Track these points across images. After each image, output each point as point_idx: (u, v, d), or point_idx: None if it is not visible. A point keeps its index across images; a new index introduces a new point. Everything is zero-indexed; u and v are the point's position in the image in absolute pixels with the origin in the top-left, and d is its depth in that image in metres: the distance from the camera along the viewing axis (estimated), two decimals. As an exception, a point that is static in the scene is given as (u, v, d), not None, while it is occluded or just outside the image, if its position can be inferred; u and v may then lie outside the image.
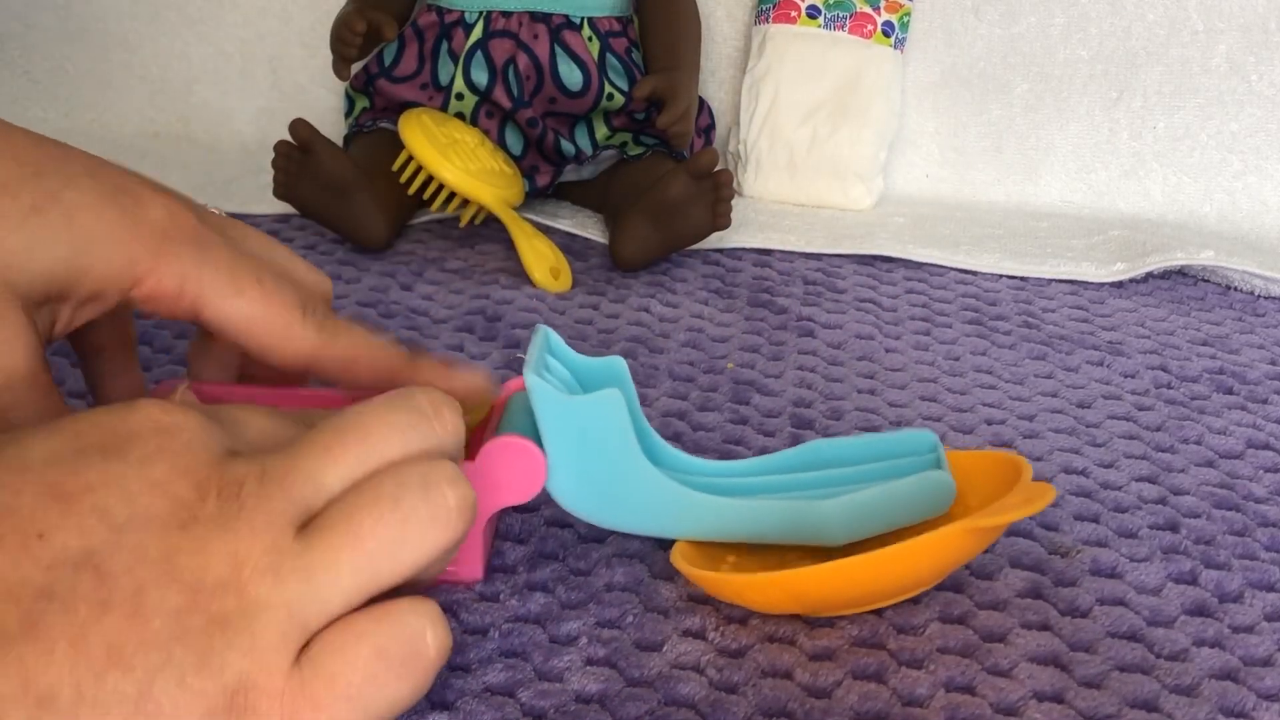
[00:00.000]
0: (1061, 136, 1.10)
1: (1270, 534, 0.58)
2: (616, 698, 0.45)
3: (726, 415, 0.67)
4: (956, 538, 0.46)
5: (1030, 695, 0.46)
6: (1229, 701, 0.46)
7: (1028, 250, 0.95)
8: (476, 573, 0.50)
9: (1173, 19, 1.08)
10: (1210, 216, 1.08)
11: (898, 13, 1.08)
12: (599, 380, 0.51)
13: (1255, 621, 0.51)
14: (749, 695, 0.45)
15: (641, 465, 0.48)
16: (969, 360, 0.76)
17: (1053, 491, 0.46)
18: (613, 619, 0.49)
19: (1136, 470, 0.63)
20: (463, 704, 0.44)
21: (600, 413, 0.47)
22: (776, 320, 0.81)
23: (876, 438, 0.52)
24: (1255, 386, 0.74)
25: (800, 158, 1.07)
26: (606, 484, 0.49)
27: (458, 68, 0.97)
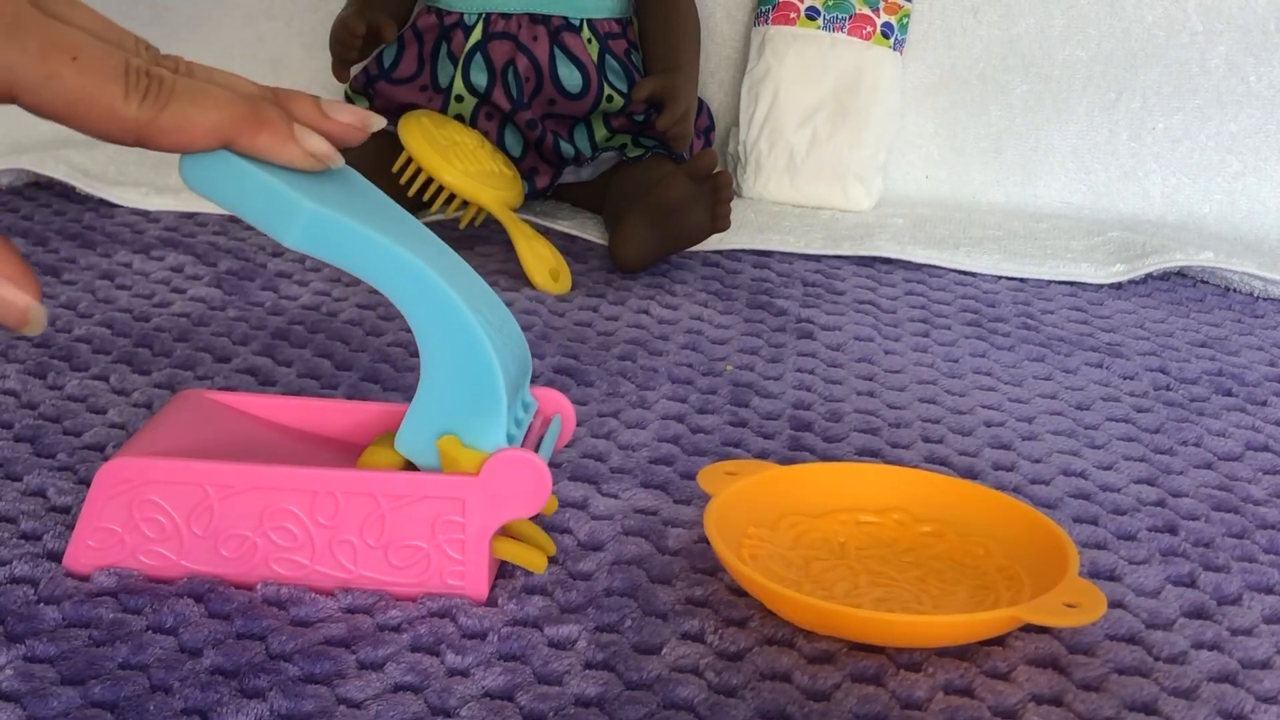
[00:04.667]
0: (1060, 138, 1.10)
1: (1269, 536, 0.58)
2: (615, 701, 0.45)
3: (725, 417, 0.67)
4: (1004, 622, 0.48)
5: (1029, 698, 0.46)
6: (1227, 704, 0.46)
7: (1027, 252, 0.95)
8: (481, 591, 0.49)
9: (1171, 20, 1.08)
10: (1209, 217, 1.08)
11: (897, 14, 1.08)
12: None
13: (1254, 624, 0.51)
14: (748, 698, 0.45)
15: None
16: (968, 362, 0.76)
17: (1104, 605, 0.47)
18: (612, 622, 0.49)
19: (1135, 472, 0.63)
20: (463, 709, 0.44)
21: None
22: (776, 322, 0.81)
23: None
24: (1254, 388, 0.74)
25: (799, 159, 1.07)
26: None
27: (457, 70, 0.97)
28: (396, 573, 0.49)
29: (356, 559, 0.49)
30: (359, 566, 0.49)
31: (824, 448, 0.65)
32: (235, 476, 0.48)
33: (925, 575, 0.52)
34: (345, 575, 0.49)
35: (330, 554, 0.49)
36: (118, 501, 0.49)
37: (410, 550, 0.49)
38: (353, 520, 0.48)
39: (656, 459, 0.62)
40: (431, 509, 0.48)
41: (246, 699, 0.44)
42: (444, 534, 0.48)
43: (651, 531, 0.55)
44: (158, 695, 0.44)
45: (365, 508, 0.48)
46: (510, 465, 0.48)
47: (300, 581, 0.49)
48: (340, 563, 0.49)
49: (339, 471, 0.48)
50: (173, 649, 0.46)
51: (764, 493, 0.55)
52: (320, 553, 0.49)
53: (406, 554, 0.49)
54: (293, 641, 0.47)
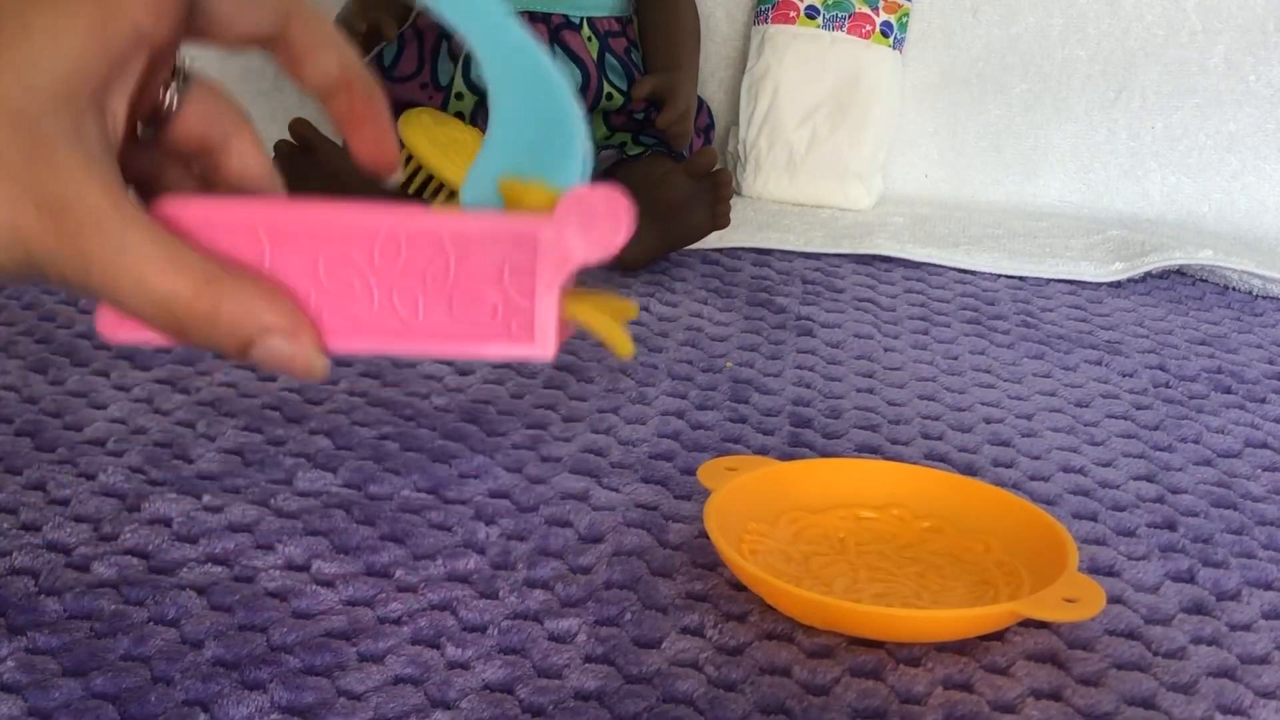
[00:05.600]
0: (1060, 136, 1.10)
1: (1268, 532, 0.58)
2: (615, 694, 0.45)
3: (725, 414, 0.67)
4: (1003, 617, 0.48)
5: (1028, 692, 0.46)
6: (1226, 699, 0.46)
7: (1026, 250, 0.95)
8: (549, 347, 0.44)
9: (1171, 20, 1.08)
10: (1208, 216, 1.08)
11: (896, 13, 1.08)
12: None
13: (1253, 619, 0.51)
14: (747, 692, 0.45)
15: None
16: (967, 359, 0.76)
17: (1103, 601, 0.47)
18: (611, 616, 0.49)
19: (1134, 469, 0.63)
20: (463, 701, 0.44)
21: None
22: (775, 320, 0.81)
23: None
24: (1253, 386, 0.75)
25: (799, 158, 1.07)
26: None
27: (457, 68, 0.97)
28: (461, 325, 0.43)
29: (418, 310, 0.43)
30: (421, 317, 0.43)
31: (824, 444, 0.65)
32: (291, 219, 0.43)
33: (925, 570, 0.53)
34: (405, 329, 0.43)
35: (390, 306, 0.43)
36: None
37: (476, 299, 0.43)
38: (416, 266, 0.43)
39: (657, 454, 0.62)
40: (500, 252, 0.43)
41: (247, 690, 0.44)
42: (513, 280, 0.43)
43: (652, 526, 0.56)
44: (159, 687, 0.44)
45: (430, 251, 0.43)
46: (587, 199, 0.42)
47: (351, 340, 0.43)
48: (400, 315, 0.43)
49: (402, 210, 0.43)
50: (174, 641, 0.46)
51: (764, 488, 0.55)
52: (381, 304, 0.43)
53: (473, 303, 0.43)
54: (293, 634, 0.47)
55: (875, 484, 0.57)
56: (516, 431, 0.63)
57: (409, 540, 0.53)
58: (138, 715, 0.42)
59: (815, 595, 0.49)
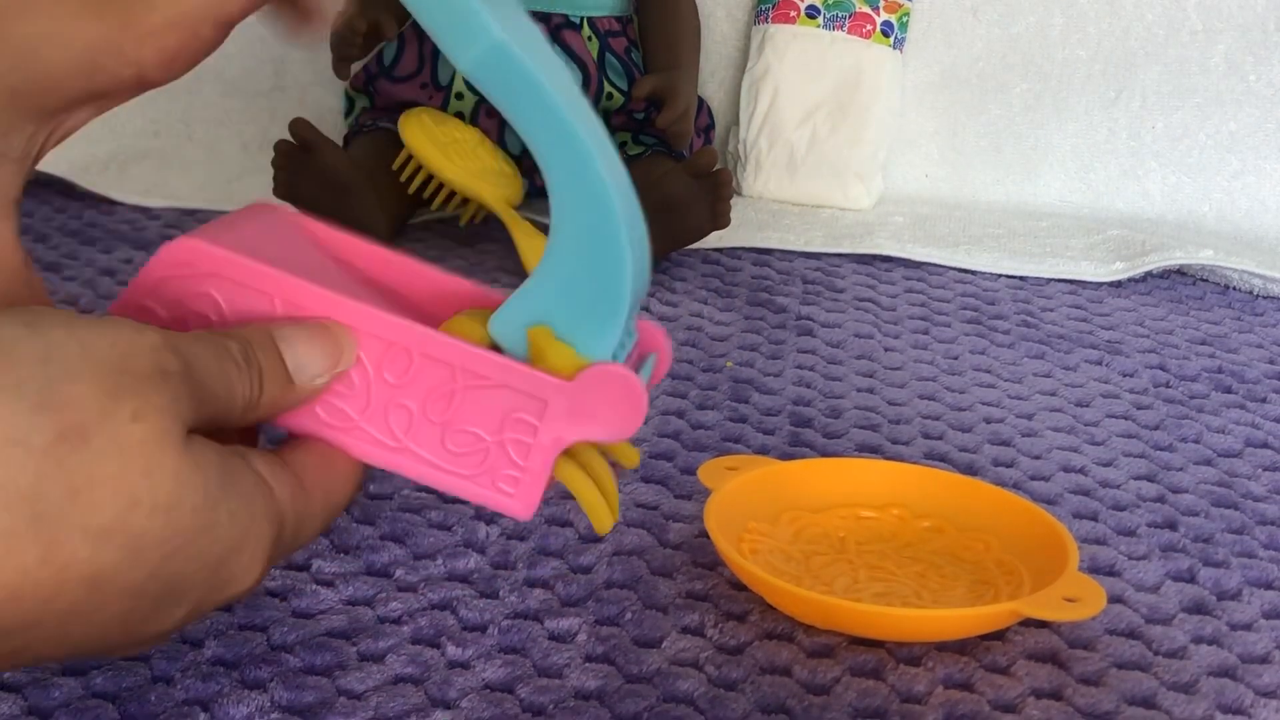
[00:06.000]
0: (1060, 136, 1.10)
1: (1269, 532, 0.58)
2: (615, 694, 0.45)
3: (725, 414, 0.67)
4: (1003, 616, 0.48)
5: (1028, 692, 0.46)
6: (1227, 698, 0.46)
7: (1026, 250, 0.95)
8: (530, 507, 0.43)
9: (1171, 19, 1.08)
10: (1209, 216, 1.08)
11: (897, 13, 1.08)
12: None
13: (1253, 619, 0.51)
14: (748, 692, 0.45)
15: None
16: (968, 359, 0.76)
17: (1103, 600, 0.47)
18: (612, 616, 0.49)
19: (1135, 468, 0.63)
20: (463, 700, 0.44)
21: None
22: (775, 319, 0.81)
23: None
24: (1254, 385, 0.75)
25: (799, 157, 1.07)
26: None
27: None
28: (448, 458, 0.42)
29: (410, 429, 0.42)
30: (409, 438, 0.42)
31: (824, 444, 0.65)
32: (310, 297, 0.42)
33: (925, 570, 0.53)
34: (391, 445, 0.42)
35: (383, 416, 0.42)
36: (172, 284, 0.42)
37: (470, 438, 0.42)
38: (420, 386, 0.42)
39: (657, 454, 0.62)
40: (507, 400, 0.42)
41: (247, 690, 0.44)
42: (511, 432, 0.42)
43: (652, 525, 0.56)
44: (159, 686, 0.44)
45: (438, 376, 0.42)
46: (609, 380, 0.41)
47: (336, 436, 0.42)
48: (391, 428, 0.42)
49: (422, 329, 0.42)
50: (174, 640, 0.46)
51: (764, 488, 0.55)
52: (374, 411, 0.42)
53: (465, 441, 0.42)
54: (294, 633, 0.47)
55: (875, 483, 0.57)
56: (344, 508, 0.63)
57: (409, 540, 0.53)
58: (137, 714, 0.42)
59: (816, 595, 0.49)
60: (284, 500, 0.37)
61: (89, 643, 0.33)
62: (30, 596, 0.30)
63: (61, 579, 0.31)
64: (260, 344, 0.38)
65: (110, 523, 0.31)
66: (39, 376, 0.31)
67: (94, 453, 0.31)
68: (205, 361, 0.35)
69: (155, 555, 0.32)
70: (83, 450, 0.31)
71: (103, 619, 0.32)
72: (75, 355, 0.32)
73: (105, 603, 0.32)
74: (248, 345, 0.38)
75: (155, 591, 0.33)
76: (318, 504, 0.39)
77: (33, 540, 0.30)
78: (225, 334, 0.38)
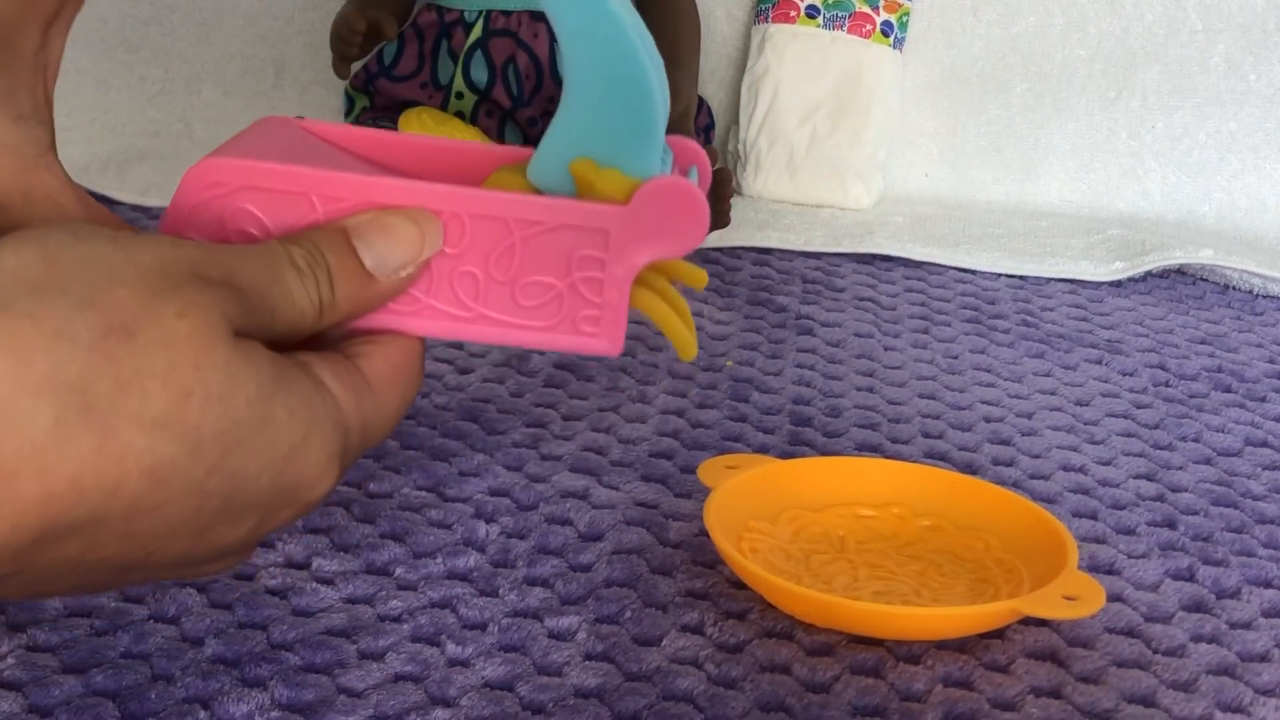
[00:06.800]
0: (1060, 136, 1.10)
1: (1268, 531, 0.58)
2: (615, 692, 0.45)
3: (725, 413, 0.67)
4: (1003, 615, 0.48)
5: (1028, 690, 0.46)
6: (1226, 697, 0.46)
7: (1026, 249, 0.95)
8: (617, 343, 0.41)
9: (1171, 19, 1.08)
10: (1209, 215, 1.08)
11: (896, 12, 1.08)
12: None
13: (1253, 618, 0.51)
14: (747, 690, 0.46)
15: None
16: (967, 359, 0.76)
17: (1103, 598, 0.47)
18: (611, 614, 0.49)
19: (1135, 468, 0.63)
20: (463, 699, 0.44)
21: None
22: (775, 319, 0.81)
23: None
24: (1253, 385, 0.75)
25: (799, 157, 1.07)
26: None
27: (457, 67, 0.97)
28: (523, 314, 0.41)
29: (479, 295, 0.41)
30: (480, 304, 0.41)
31: (824, 443, 0.65)
32: (345, 187, 0.40)
33: (924, 569, 0.53)
34: (464, 315, 0.41)
35: (449, 288, 0.41)
36: (209, 209, 0.40)
37: (541, 288, 0.41)
38: (479, 248, 0.40)
39: (657, 453, 0.62)
40: (569, 240, 0.40)
41: (248, 688, 0.44)
42: (580, 270, 0.40)
43: (652, 524, 0.56)
44: (159, 684, 0.44)
45: (494, 234, 0.40)
46: (666, 192, 0.40)
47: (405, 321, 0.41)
48: (460, 298, 0.41)
49: (466, 190, 0.40)
50: (174, 638, 0.46)
51: (764, 487, 0.55)
52: (439, 285, 0.41)
53: (537, 293, 0.41)
54: (294, 631, 0.47)
55: (875, 482, 0.57)
56: (517, 430, 0.63)
57: (409, 538, 0.53)
58: (138, 712, 0.42)
59: (815, 593, 0.49)
60: (348, 405, 0.36)
61: (159, 546, 0.33)
62: (92, 487, 0.30)
63: (121, 470, 0.31)
64: (330, 244, 0.37)
65: (163, 413, 0.31)
66: (83, 278, 0.31)
67: (141, 346, 0.31)
68: (253, 271, 0.35)
69: (214, 448, 0.32)
70: (130, 344, 0.31)
71: (169, 517, 0.32)
72: (119, 261, 0.32)
73: (169, 498, 0.32)
74: (314, 248, 0.37)
75: (220, 489, 0.33)
76: (388, 402, 0.38)
77: (86, 429, 0.30)
78: (288, 240, 0.37)
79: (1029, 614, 0.47)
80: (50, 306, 0.30)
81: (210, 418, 0.32)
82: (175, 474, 0.32)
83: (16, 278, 0.31)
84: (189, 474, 0.32)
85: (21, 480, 0.29)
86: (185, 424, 0.32)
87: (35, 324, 0.30)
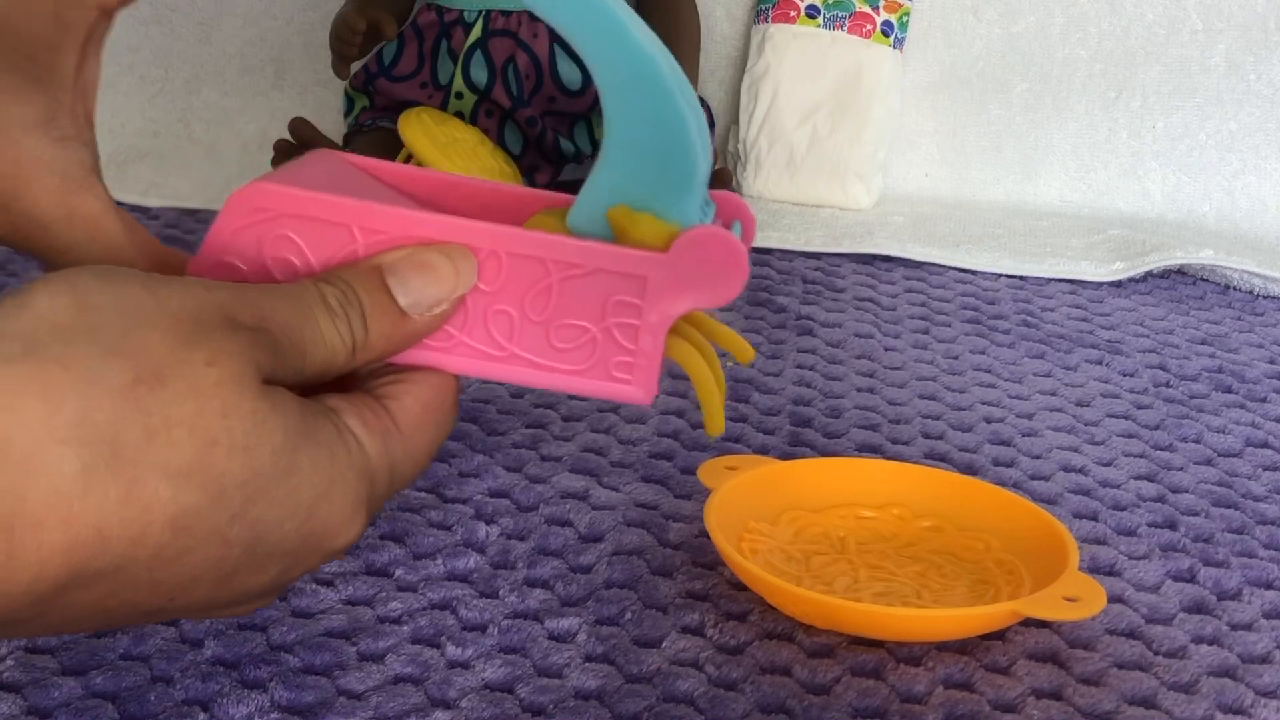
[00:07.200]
0: (1060, 136, 1.10)
1: (1269, 532, 0.58)
2: (615, 694, 0.45)
3: (726, 413, 0.67)
4: (1004, 616, 0.48)
5: (1029, 692, 0.46)
6: (1227, 698, 0.46)
7: (1027, 249, 0.95)
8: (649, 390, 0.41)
9: (1171, 18, 1.08)
10: (1209, 215, 1.08)
11: (897, 12, 1.08)
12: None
13: (1254, 619, 0.51)
14: (748, 692, 0.45)
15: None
16: (968, 359, 0.76)
17: (1103, 600, 0.47)
18: (612, 616, 0.49)
19: (1135, 468, 0.63)
20: (463, 700, 0.44)
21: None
22: (775, 319, 0.81)
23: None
24: (1254, 385, 0.74)
25: (799, 157, 1.07)
26: None
27: (457, 67, 0.97)
28: (556, 356, 0.41)
29: (513, 334, 0.41)
30: (514, 343, 0.41)
31: (824, 443, 0.65)
32: (387, 220, 0.40)
33: (925, 570, 0.53)
34: (496, 354, 0.41)
35: (484, 326, 0.41)
36: (249, 233, 0.40)
37: (575, 331, 0.41)
38: (515, 288, 0.40)
39: (657, 454, 0.62)
40: (605, 285, 0.40)
41: (247, 690, 0.44)
42: (616, 316, 0.40)
43: (652, 525, 0.56)
44: (159, 686, 0.44)
45: (532, 274, 0.40)
46: (704, 242, 0.39)
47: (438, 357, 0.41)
48: (494, 337, 0.41)
49: (507, 228, 0.40)
50: (174, 640, 0.46)
51: (764, 488, 0.55)
52: (473, 322, 0.40)
53: (571, 335, 0.41)
54: (293, 632, 0.47)
55: (876, 483, 0.57)
56: (516, 430, 0.63)
57: (408, 539, 0.53)
58: (137, 714, 0.42)
59: (816, 594, 0.49)
60: (375, 451, 0.36)
61: (183, 592, 0.33)
62: (117, 536, 0.30)
63: (146, 519, 0.31)
64: (364, 283, 0.37)
65: (190, 462, 0.31)
66: (114, 323, 0.31)
67: (170, 394, 0.31)
68: (284, 313, 0.35)
69: (237, 497, 0.32)
70: (159, 392, 0.31)
71: (193, 565, 0.32)
72: (150, 307, 0.32)
73: (192, 547, 0.32)
74: (347, 287, 0.37)
75: (243, 538, 0.33)
76: (418, 443, 0.38)
77: (113, 478, 0.30)
78: (320, 279, 0.37)
79: (1030, 615, 0.47)
80: (80, 352, 0.31)
81: (235, 466, 0.32)
82: (199, 523, 0.32)
83: (48, 322, 0.31)
84: (212, 523, 0.32)
85: (46, 529, 0.29)
86: (210, 473, 0.32)
87: (65, 369, 0.30)
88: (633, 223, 0.40)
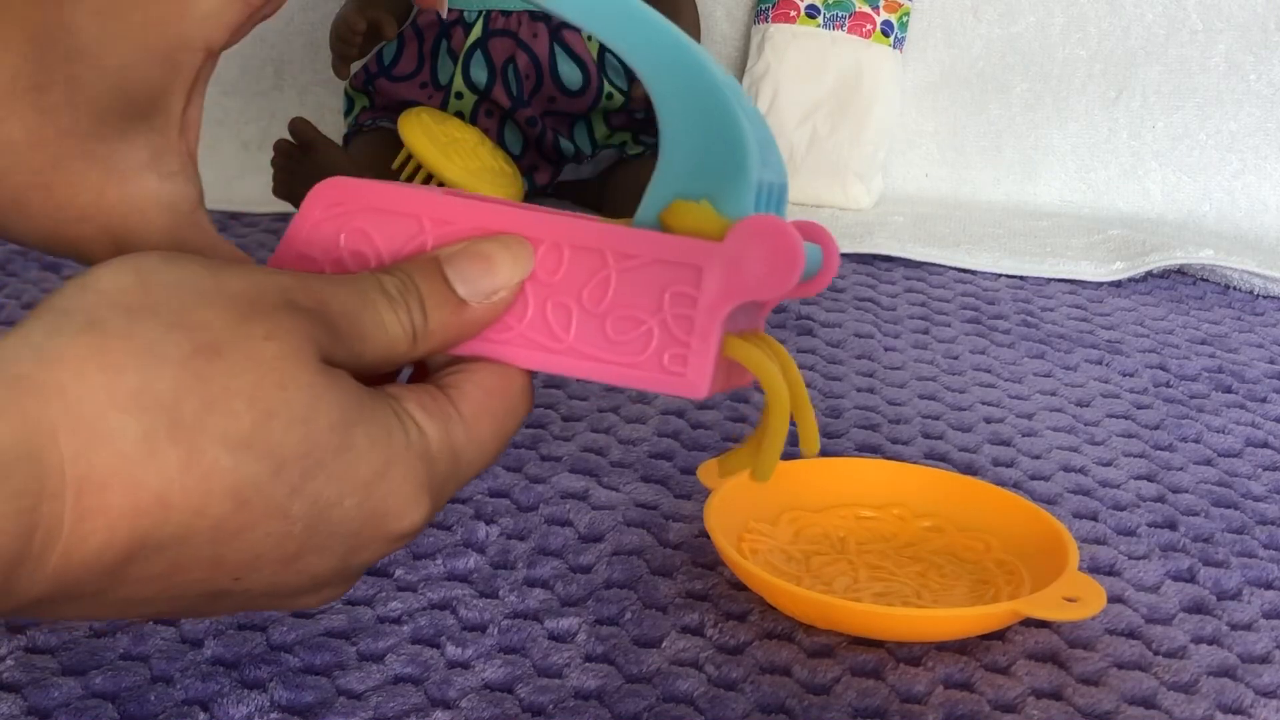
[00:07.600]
0: (1060, 136, 1.10)
1: (1269, 532, 0.58)
2: (615, 694, 0.45)
3: (725, 413, 0.67)
4: (1004, 616, 0.47)
5: (1028, 692, 0.46)
6: (1227, 698, 0.46)
7: (1027, 249, 0.95)
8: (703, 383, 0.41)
9: (1171, 19, 1.08)
10: (1209, 215, 1.08)
11: (897, 12, 1.08)
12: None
13: (1253, 619, 0.51)
14: (747, 692, 0.45)
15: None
16: (968, 359, 0.76)
17: (1103, 600, 0.47)
18: (612, 615, 0.49)
19: (1135, 468, 0.63)
20: (463, 700, 0.44)
21: None
22: (775, 319, 0.81)
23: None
24: (1254, 385, 0.74)
25: (799, 157, 1.07)
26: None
27: (457, 67, 0.97)
28: (612, 348, 0.41)
29: (571, 326, 0.41)
30: (572, 336, 0.41)
31: (824, 443, 0.65)
32: (456, 210, 0.40)
33: (925, 570, 0.53)
34: (554, 346, 0.41)
35: (543, 318, 0.41)
36: (328, 226, 0.41)
37: (631, 323, 0.40)
38: (575, 280, 0.40)
39: (656, 454, 0.62)
40: (662, 275, 0.40)
41: (247, 689, 0.44)
42: (671, 308, 0.40)
43: (652, 525, 0.56)
44: (158, 686, 0.44)
45: (591, 265, 0.40)
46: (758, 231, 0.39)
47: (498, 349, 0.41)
48: (553, 329, 0.41)
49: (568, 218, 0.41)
50: (173, 640, 0.46)
51: (764, 487, 0.55)
52: (534, 314, 0.41)
53: (626, 327, 0.41)
54: (293, 632, 0.47)
55: (876, 483, 0.57)
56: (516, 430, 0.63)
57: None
58: (137, 714, 0.42)
59: (816, 594, 0.49)
60: (435, 435, 0.36)
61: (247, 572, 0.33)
62: (179, 505, 0.31)
63: (206, 487, 0.31)
64: (422, 272, 0.38)
65: (248, 433, 0.31)
66: (174, 300, 0.32)
67: (228, 365, 0.32)
68: (343, 299, 0.35)
69: (295, 470, 0.32)
70: (217, 363, 0.31)
71: (255, 542, 0.32)
72: (209, 286, 0.33)
73: (254, 521, 0.32)
74: (406, 276, 0.37)
75: (303, 514, 0.33)
76: (482, 430, 0.38)
77: (172, 445, 0.30)
78: (381, 270, 0.38)
79: (1029, 615, 0.47)
80: (141, 326, 0.31)
81: (293, 439, 0.32)
82: (258, 495, 0.32)
83: (111, 300, 0.32)
84: (271, 495, 0.32)
85: (112, 492, 0.30)
86: (268, 444, 0.32)
87: (126, 341, 0.31)
88: (686, 212, 0.40)
